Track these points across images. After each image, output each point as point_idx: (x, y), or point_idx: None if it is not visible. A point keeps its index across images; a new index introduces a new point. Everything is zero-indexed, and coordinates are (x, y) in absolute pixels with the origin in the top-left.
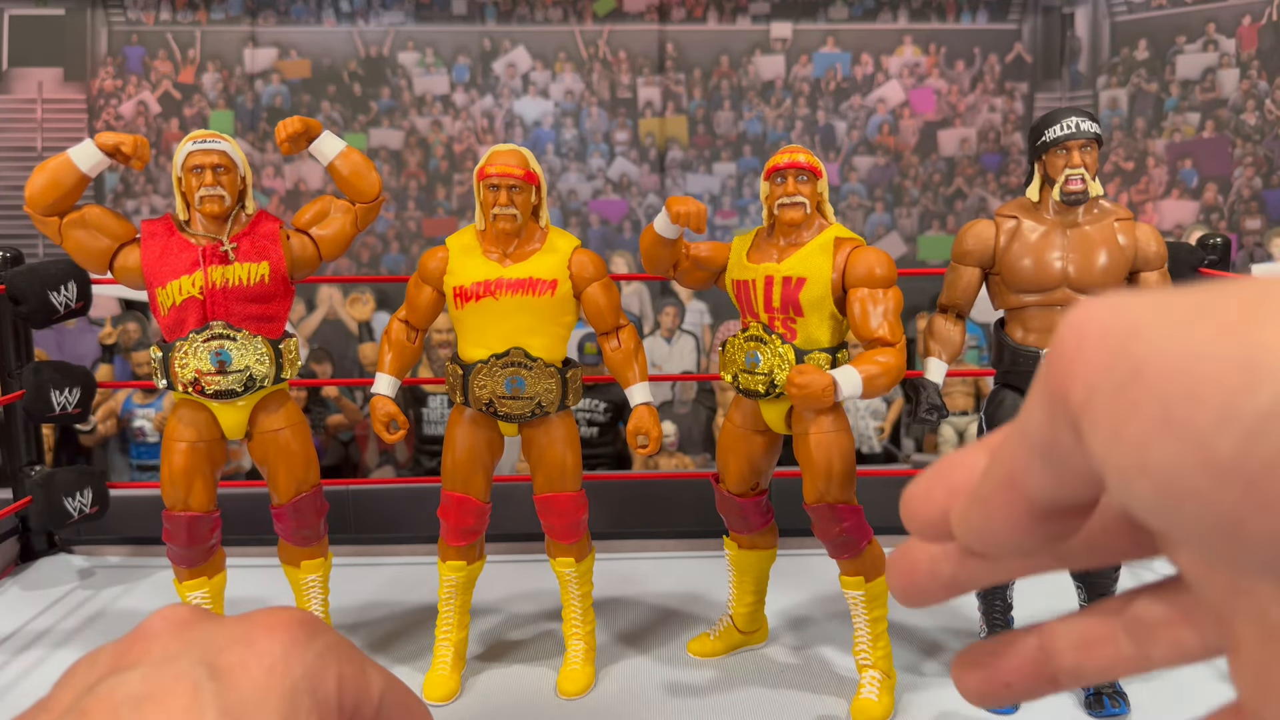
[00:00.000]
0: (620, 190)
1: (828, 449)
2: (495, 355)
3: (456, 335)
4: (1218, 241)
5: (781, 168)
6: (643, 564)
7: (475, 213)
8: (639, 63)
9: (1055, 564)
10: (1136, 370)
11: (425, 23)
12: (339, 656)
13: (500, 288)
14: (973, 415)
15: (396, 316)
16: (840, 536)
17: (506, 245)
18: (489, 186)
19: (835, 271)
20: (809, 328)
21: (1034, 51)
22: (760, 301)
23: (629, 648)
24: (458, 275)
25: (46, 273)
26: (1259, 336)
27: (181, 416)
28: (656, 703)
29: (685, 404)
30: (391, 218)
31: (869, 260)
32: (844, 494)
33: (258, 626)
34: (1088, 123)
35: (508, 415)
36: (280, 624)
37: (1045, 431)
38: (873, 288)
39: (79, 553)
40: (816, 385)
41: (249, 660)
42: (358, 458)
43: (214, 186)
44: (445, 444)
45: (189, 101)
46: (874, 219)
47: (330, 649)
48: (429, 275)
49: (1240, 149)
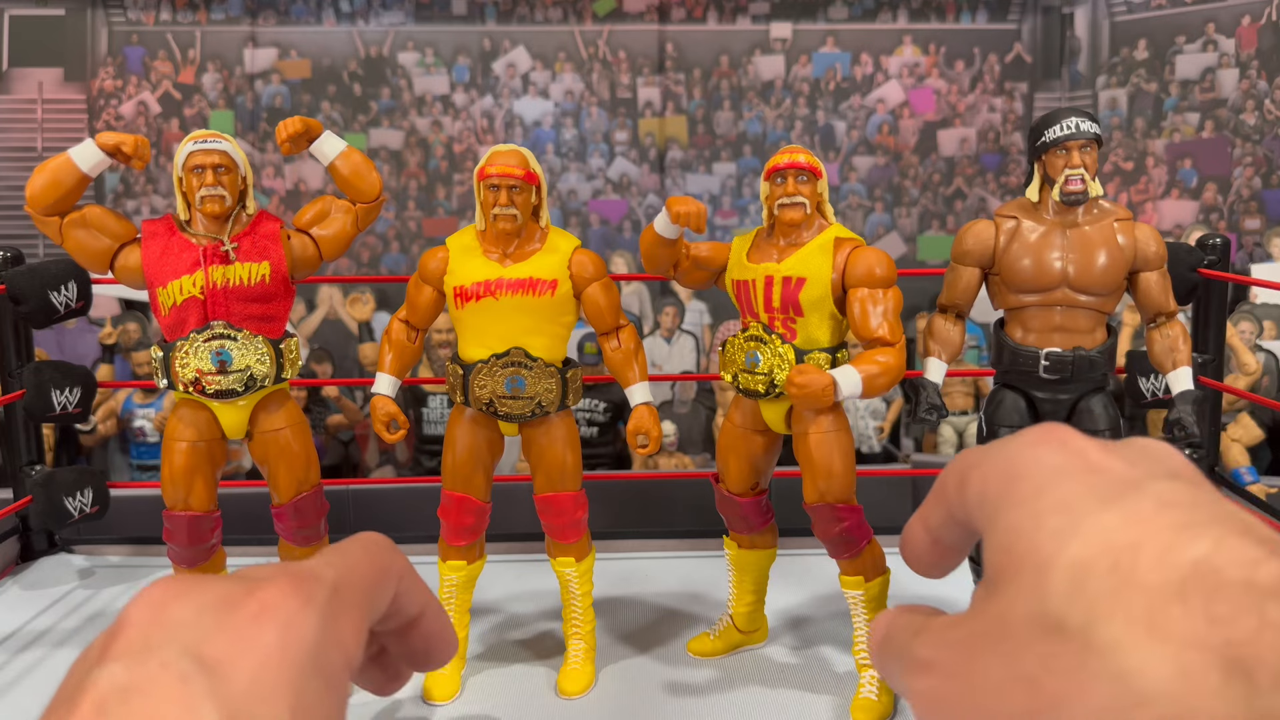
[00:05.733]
0: (620, 190)
1: (828, 449)
2: (495, 355)
3: (456, 335)
4: (1217, 241)
5: (781, 168)
6: (642, 564)
7: (475, 213)
8: (639, 63)
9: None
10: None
11: (425, 23)
12: (341, 607)
13: (500, 288)
14: (972, 415)
15: (397, 316)
16: (840, 536)
17: (507, 245)
18: (489, 187)
19: (835, 271)
20: (809, 328)
21: (1034, 51)
22: (760, 301)
23: (629, 647)
24: (458, 275)
25: (47, 272)
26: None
27: (182, 416)
28: (656, 702)
29: (685, 404)
30: (391, 218)
31: (869, 260)
32: (844, 494)
33: (244, 616)
34: (1087, 123)
35: (508, 415)
36: (267, 608)
37: (954, 501)
38: (872, 288)
39: (79, 552)
40: (816, 385)
41: (241, 654)
42: (358, 458)
43: (215, 186)
44: (445, 444)
45: (189, 102)
46: (874, 219)
47: (330, 605)
48: (429, 275)
49: (1240, 149)
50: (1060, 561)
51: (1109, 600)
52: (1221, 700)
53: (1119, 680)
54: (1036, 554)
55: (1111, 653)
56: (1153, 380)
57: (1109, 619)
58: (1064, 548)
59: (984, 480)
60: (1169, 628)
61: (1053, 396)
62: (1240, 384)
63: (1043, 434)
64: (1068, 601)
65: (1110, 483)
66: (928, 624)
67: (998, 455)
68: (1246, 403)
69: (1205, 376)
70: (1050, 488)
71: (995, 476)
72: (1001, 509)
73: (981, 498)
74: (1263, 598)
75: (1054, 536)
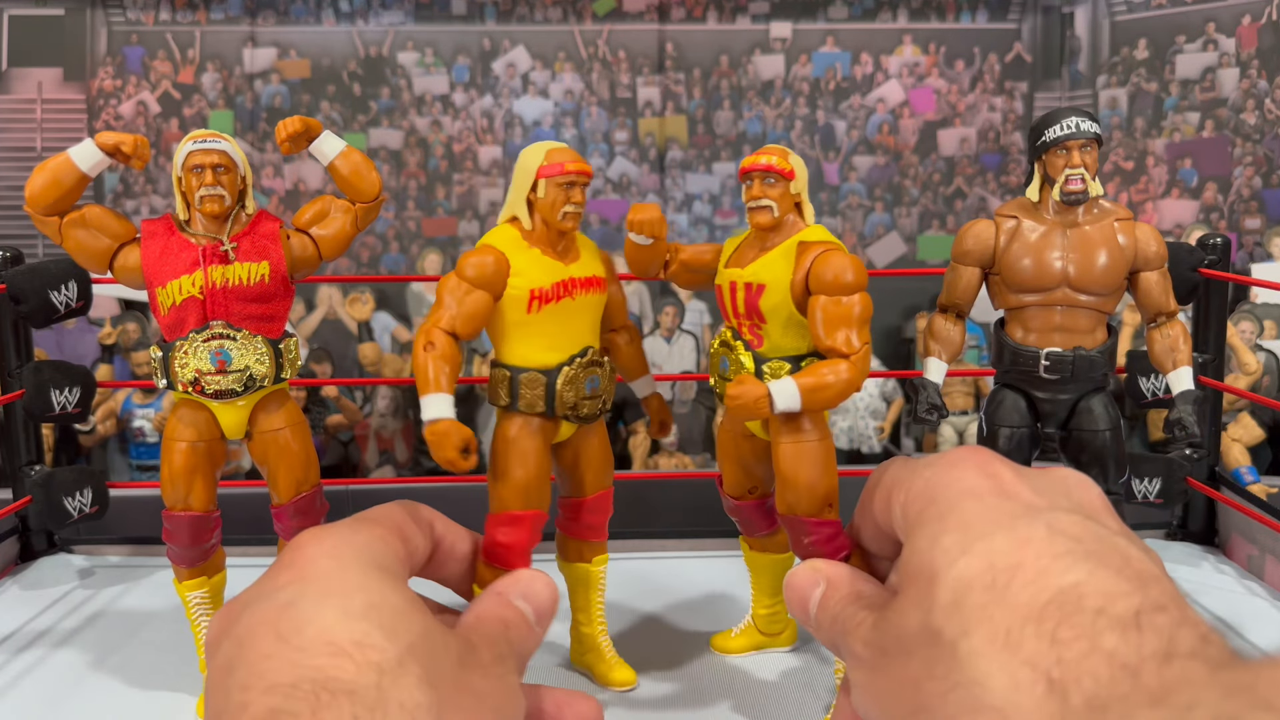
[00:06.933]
0: (620, 190)
1: (796, 458)
2: (575, 356)
3: (511, 340)
4: (1217, 241)
5: (746, 170)
6: (642, 563)
7: (504, 211)
8: (639, 62)
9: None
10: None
11: (425, 23)
12: (363, 524)
13: (575, 287)
14: (972, 415)
15: (437, 326)
16: (808, 550)
17: (558, 243)
18: (563, 185)
19: (797, 276)
20: (774, 335)
21: (1034, 51)
22: (729, 307)
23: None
24: (529, 277)
25: (47, 272)
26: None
27: (181, 416)
28: (657, 700)
29: (685, 404)
30: (391, 217)
31: (832, 265)
32: (813, 507)
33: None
34: (1087, 122)
35: (589, 416)
36: (307, 539)
37: (881, 517)
38: (833, 294)
39: (79, 552)
40: (749, 396)
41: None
42: (357, 458)
43: (214, 186)
44: (505, 459)
45: (189, 101)
46: (874, 219)
47: (355, 522)
48: (487, 279)
49: (1240, 149)
50: (947, 577)
51: (979, 614)
52: (1039, 713)
53: (968, 688)
54: (930, 569)
55: (967, 662)
56: (1153, 380)
57: (974, 632)
58: (953, 565)
59: (905, 501)
60: (1020, 644)
61: (1053, 396)
62: (1241, 384)
63: (964, 455)
64: (946, 615)
65: (1013, 508)
66: (864, 620)
67: (919, 477)
68: (1247, 402)
69: (1206, 376)
70: (956, 508)
71: (915, 497)
72: (915, 527)
73: (903, 516)
74: (1106, 627)
75: (945, 554)
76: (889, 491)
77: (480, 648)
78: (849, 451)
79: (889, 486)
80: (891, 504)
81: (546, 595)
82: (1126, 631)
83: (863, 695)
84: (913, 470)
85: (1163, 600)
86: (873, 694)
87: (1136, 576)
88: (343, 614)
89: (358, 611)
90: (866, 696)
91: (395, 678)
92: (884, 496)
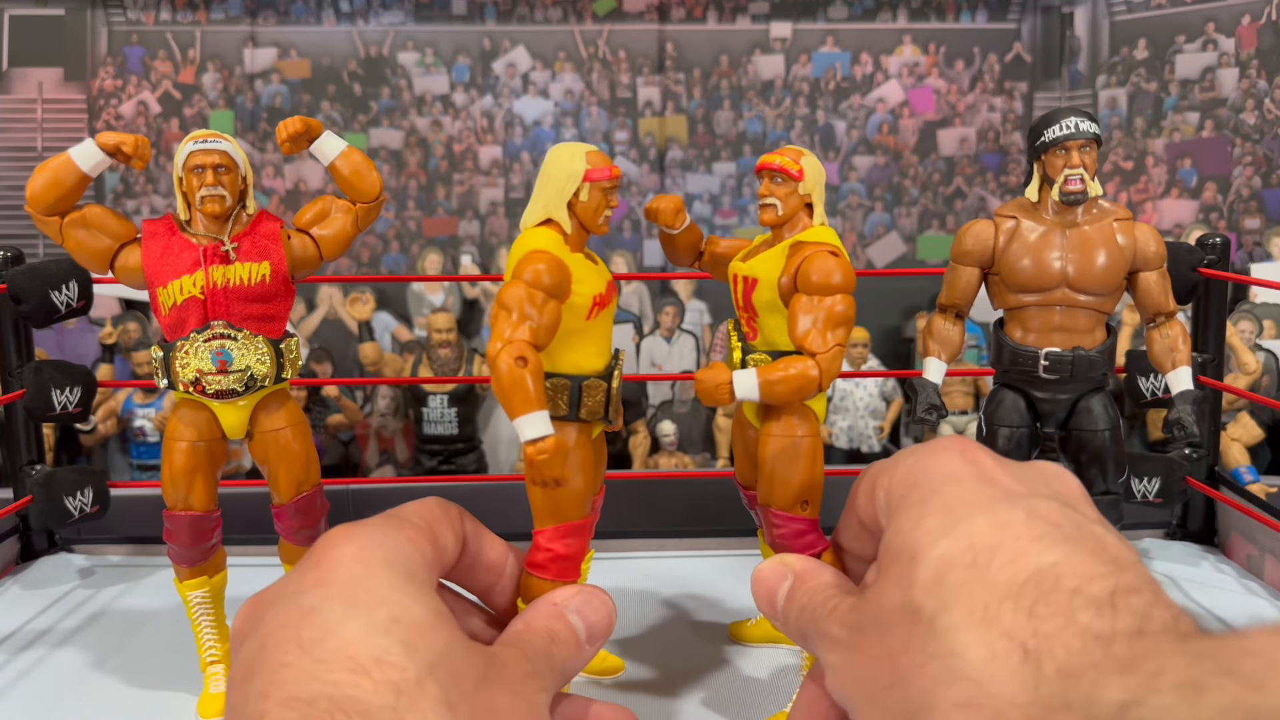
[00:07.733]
0: (620, 190)
1: (776, 451)
2: (613, 360)
3: (566, 348)
4: (1217, 241)
5: (758, 168)
6: (643, 563)
7: (534, 214)
8: (639, 62)
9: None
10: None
11: (425, 23)
12: (394, 524)
13: (614, 291)
14: (972, 415)
15: (520, 339)
16: (776, 542)
17: (584, 246)
18: (607, 189)
19: (786, 275)
20: (765, 329)
21: (1033, 51)
22: (735, 299)
23: (629, 646)
24: (588, 283)
25: (48, 272)
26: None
27: (182, 416)
28: (656, 700)
29: (685, 403)
30: (391, 217)
31: (819, 267)
32: (784, 501)
33: (330, 552)
34: (1087, 123)
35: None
36: (337, 536)
37: (865, 509)
38: (813, 294)
39: (79, 552)
40: (710, 381)
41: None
42: (358, 457)
43: (215, 186)
44: (570, 469)
45: (189, 102)
46: (873, 219)
47: (383, 522)
48: (560, 287)
49: (1239, 148)
50: (929, 556)
51: (958, 591)
52: (1014, 681)
53: (944, 660)
54: (912, 549)
55: (945, 636)
56: (1152, 380)
57: (953, 607)
58: (934, 544)
59: (889, 486)
60: (998, 618)
61: (1052, 396)
62: (1240, 383)
63: (946, 444)
64: (927, 591)
65: (993, 493)
66: (840, 603)
67: (902, 464)
68: (1246, 402)
69: (1205, 376)
70: (939, 492)
71: (898, 483)
72: (897, 511)
73: (886, 502)
74: (1082, 605)
75: (928, 534)
76: (873, 480)
77: (511, 664)
78: (849, 451)
79: (873, 476)
80: (876, 491)
81: (604, 614)
82: (1101, 609)
83: (838, 677)
84: (896, 459)
85: (1137, 584)
86: (849, 673)
87: (1112, 560)
88: (366, 627)
89: (380, 626)
90: (843, 677)
91: (412, 700)
92: (868, 486)
